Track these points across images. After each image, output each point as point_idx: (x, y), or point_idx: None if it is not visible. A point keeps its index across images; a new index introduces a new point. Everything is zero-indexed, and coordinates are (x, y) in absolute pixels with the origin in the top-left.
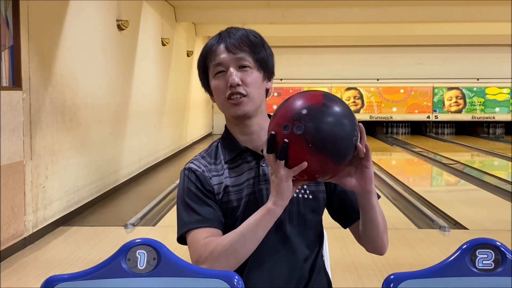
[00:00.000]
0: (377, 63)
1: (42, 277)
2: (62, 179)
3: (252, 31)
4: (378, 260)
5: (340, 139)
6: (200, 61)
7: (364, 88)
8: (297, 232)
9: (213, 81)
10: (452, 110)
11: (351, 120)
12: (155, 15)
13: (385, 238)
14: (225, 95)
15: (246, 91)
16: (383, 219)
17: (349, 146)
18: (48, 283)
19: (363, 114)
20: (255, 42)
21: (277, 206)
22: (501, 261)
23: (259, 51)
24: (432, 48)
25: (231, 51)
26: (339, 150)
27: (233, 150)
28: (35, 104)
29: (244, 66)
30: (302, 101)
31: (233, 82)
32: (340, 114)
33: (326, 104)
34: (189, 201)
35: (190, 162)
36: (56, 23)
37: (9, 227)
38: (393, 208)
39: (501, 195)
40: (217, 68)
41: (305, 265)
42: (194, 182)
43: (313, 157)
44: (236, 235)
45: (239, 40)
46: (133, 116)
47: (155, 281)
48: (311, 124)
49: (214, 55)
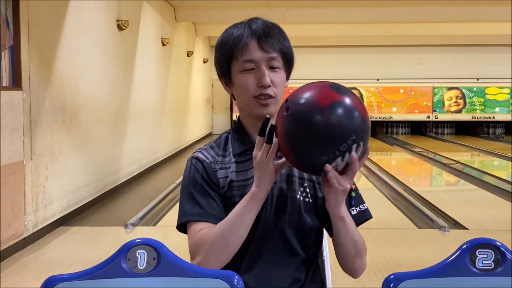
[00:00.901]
0: (377, 63)
1: (42, 277)
2: (62, 179)
3: (273, 23)
4: (378, 260)
5: (308, 151)
6: (224, 49)
7: (364, 88)
8: (295, 234)
9: (239, 76)
10: (452, 110)
11: (326, 147)
12: (155, 15)
13: (357, 264)
14: (252, 93)
15: (274, 93)
16: (353, 244)
17: (312, 161)
18: (48, 283)
19: None
20: (283, 37)
21: (260, 190)
22: (501, 261)
23: (288, 51)
24: (432, 48)
25: (265, 50)
26: (303, 158)
27: (244, 144)
28: (35, 104)
29: (274, 67)
30: (311, 92)
31: (265, 83)
32: (320, 132)
33: (318, 113)
34: (193, 191)
35: (198, 151)
36: (56, 23)
37: (9, 227)
38: (393, 208)
39: (501, 195)
40: (247, 65)
41: (301, 267)
42: (200, 173)
43: (281, 146)
44: (225, 224)
45: (273, 39)
46: (133, 116)
47: (155, 281)
48: (292, 119)
49: (246, 50)
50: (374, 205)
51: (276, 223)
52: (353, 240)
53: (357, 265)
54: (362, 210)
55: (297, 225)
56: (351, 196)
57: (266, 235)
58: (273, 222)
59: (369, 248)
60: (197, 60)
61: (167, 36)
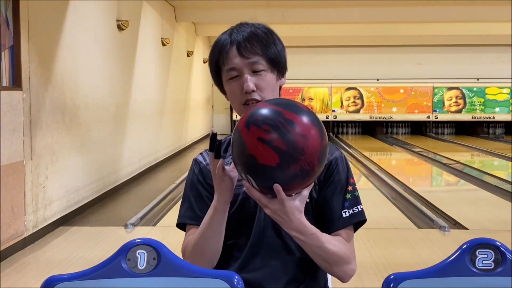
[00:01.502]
0: (377, 63)
1: (42, 277)
2: (62, 179)
3: (261, 25)
4: (378, 260)
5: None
6: (212, 62)
7: (364, 88)
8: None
9: (227, 85)
10: (452, 110)
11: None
12: (155, 15)
13: (335, 272)
14: (240, 100)
15: (261, 96)
16: (321, 257)
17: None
18: (48, 283)
19: (363, 114)
20: (267, 41)
21: (219, 202)
22: (501, 261)
23: (271, 51)
24: (432, 48)
25: (244, 55)
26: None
27: None
28: (35, 104)
29: (258, 70)
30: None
31: (248, 89)
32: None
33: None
34: (190, 193)
35: (200, 153)
36: (56, 23)
37: (9, 227)
38: (393, 208)
39: (501, 195)
40: (231, 73)
41: (300, 267)
42: (197, 175)
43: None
44: (198, 234)
45: (250, 41)
46: (133, 116)
47: (155, 281)
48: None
49: (227, 59)
50: (374, 205)
51: (272, 223)
52: (317, 254)
53: (337, 273)
54: (355, 212)
55: None
56: (345, 197)
57: (261, 234)
58: (268, 222)
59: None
60: (197, 60)
61: (167, 36)
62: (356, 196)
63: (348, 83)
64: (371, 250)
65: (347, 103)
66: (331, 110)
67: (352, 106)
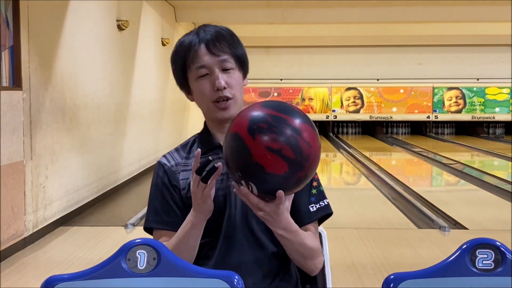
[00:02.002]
0: (377, 63)
1: (42, 277)
2: (62, 179)
3: (224, 28)
4: (378, 260)
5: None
6: (177, 60)
7: (364, 88)
8: (264, 228)
9: (195, 84)
10: (452, 110)
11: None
12: (155, 15)
13: (308, 265)
14: (211, 98)
15: (231, 94)
16: (299, 253)
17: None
18: (48, 283)
19: (363, 114)
20: (232, 41)
21: (198, 220)
22: (501, 261)
23: (239, 51)
24: (432, 48)
25: (214, 53)
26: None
27: (206, 145)
28: (35, 104)
29: (227, 68)
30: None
31: (220, 86)
32: None
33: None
34: (154, 197)
35: (163, 156)
36: (56, 23)
37: (9, 227)
38: (393, 208)
39: (501, 195)
40: (200, 71)
41: (273, 261)
42: (161, 177)
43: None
44: (172, 246)
45: (219, 40)
46: (133, 116)
47: (155, 281)
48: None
49: (196, 56)
50: (374, 205)
51: (243, 219)
52: (297, 251)
53: (309, 266)
54: (322, 206)
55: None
56: (311, 193)
57: (233, 232)
58: (240, 218)
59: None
60: None
61: (167, 36)
62: (321, 191)
63: (348, 83)
64: (371, 250)
65: (347, 103)
66: (331, 110)
67: (352, 106)
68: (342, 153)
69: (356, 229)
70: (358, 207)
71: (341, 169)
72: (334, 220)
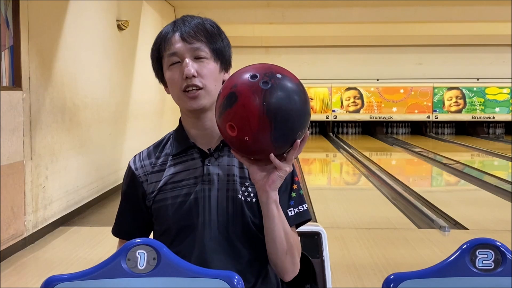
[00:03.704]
0: (377, 63)
1: (42, 277)
2: (62, 179)
3: (209, 19)
4: (378, 260)
5: (292, 124)
6: (153, 50)
7: (364, 88)
8: (241, 235)
9: (167, 72)
10: (452, 110)
11: (307, 121)
12: (155, 15)
13: (287, 263)
14: (180, 87)
15: (202, 83)
16: (286, 239)
17: (291, 136)
18: (48, 283)
19: (363, 114)
20: (212, 31)
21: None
22: (501, 261)
23: (215, 41)
24: (432, 48)
25: (186, 41)
26: (284, 131)
27: (181, 144)
28: (35, 104)
29: (200, 57)
30: (280, 69)
31: (188, 73)
32: (305, 107)
33: (298, 87)
34: (120, 202)
35: (134, 156)
36: (56, 23)
37: (9, 227)
38: (393, 208)
39: (501, 195)
40: (171, 59)
41: (250, 269)
42: (127, 183)
43: (257, 119)
44: None
45: (194, 29)
46: (133, 116)
47: (155, 281)
48: (278, 91)
49: (169, 44)
50: (374, 205)
51: (218, 225)
52: (285, 232)
53: (288, 264)
54: (301, 211)
55: (241, 226)
56: (291, 196)
57: (206, 240)
58: (214, 224)
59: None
60: None
61: None
62: (301, 195)
63: (348, 83)
64: (371, 250)
65: (347, 103)
66: (331, 110)
67: (352, 106)
68: (342, 153)
69: (356, 229)
70: (358, 207)
71: (341, 169)
72: (334, 220)
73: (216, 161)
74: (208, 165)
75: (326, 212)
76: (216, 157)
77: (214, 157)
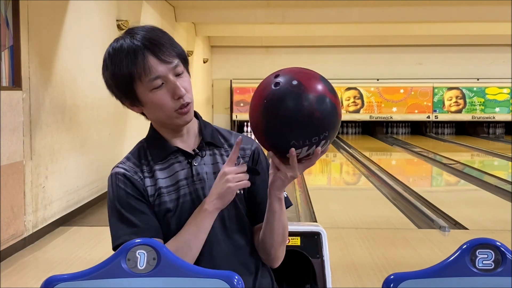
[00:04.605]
0: (377, 63)
1: (42, 277)
2: (62, 179)
3: (154, 27)
4: (378, 260)
5: (285, 130)
6: (121, 74)
7: (364, 88)
8: (238, 228)
9: (149, 95)
10: (452, 110)
11: (303, 134)
12: (155, 15)
13: (280, 252)
14: (172, 107)
15: (189, 98)
16: (283, 231)
17: (282, 142)
18: (48, 283)
19: (363, 114)
20: (171, 41)
21: (216, 210)
22: (501, 261)
23: (180, 49)
24: (432, 48)
25: (165, 61)
26: (273, 133)
27: (163, 150)
28: (35, 104)
29: (179, 74)
30: (307, 77)
31: (182, 94)
32: (305, 119)
33: (310, 99)
34: (122, 210)
35: (116, 167)
36: (56, 23)
37: (9, 227)
38: (393, 208)
39: (501, 195)
40: (155, 82)
41: (251, 260)
42: (124, 188)
43: (256, 115)
44: (179, 243)
45: (165, 46)
46: (133, 116)
47: (155, 281)
48: (282, 94)
49: (148, 68)
50: (374, 205)
51: (217, 222)
52: (283, 225)
53: (280, 253)
54: (285, 197)
55: (236, 219)
56: None
57: (210, 235)
58: (216, 223)
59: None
60: (197, 60)
61: None
62: None
63: (348, 83)
64: (371, 250)
65: (347, 103)
66: None
67: (352, 106)
68: (342, 153)
69: (356, 229)
70: (358, 207)
71: (341, 169)
72: (334, 220)
73: (202, 160)
74: (195, 165)
75: (326, 212)
76: (202, 155)
77: (201, 156)
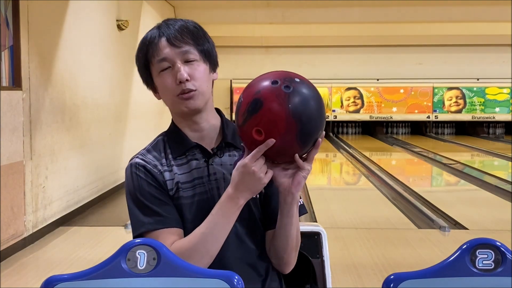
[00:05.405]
0: (377, 63)
1: (42, 277)
2: (62, 179)
3: (191, 21)
4: (378, 260)
5: (315, 123)
6: (140, 56)
7: (364, 88)
8: (249, 231)
9: (158, 78)
10: (452, 110)
11: (324, 120)
12: (155, 15)
13: (292, 258)
14: (174, 92)
15: (195, 86)
16: (297, 236)
17: (314, 135)
18: (48, 283)
19: (363, 114)
20: (197, 33)
21: (243, 200)
22: (501, 261)
23: (202, 43)
24: (432, 48)
25: (174, 45)
26: (308, 130)
27: (182, 145)
28: (35, 104)
29: (190, 60)
30: (296, 75)
31: (182, 78)
32: (322, 107)
33: (315, 90)
34: (143, 199)
35: (136, 157)
36: (56, 23)
37: (9, 227)
38: (393, 208)
39: (501, 195)
40: (161, 65)
41: (261, 263)
42: (145, 179)
43: (284, 121)
44: (204, 235)
45: (181, 32)
46: (133, 116)
47: (155, 281)
48: (299, 94)
49: (157, 50)
50: (374, 205)
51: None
52: (297, 229)
53: (293, 258)
54: (301, 204)
55: (248, 222)
56: None
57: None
58: None
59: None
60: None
61: None
62: None
63: (348, 83)
64: (371, 250)
65: (347, 103)
66: (331, 110)
67: (352, 106)
68: (342, 153)
69: (356, 229)
70: (358, 207)
71: (341, 169)
72: (334, 220)
73: (220, 160)
74: (212, 165)
75: (326, 212)
76: (220, 156)
77: (219, 156)
